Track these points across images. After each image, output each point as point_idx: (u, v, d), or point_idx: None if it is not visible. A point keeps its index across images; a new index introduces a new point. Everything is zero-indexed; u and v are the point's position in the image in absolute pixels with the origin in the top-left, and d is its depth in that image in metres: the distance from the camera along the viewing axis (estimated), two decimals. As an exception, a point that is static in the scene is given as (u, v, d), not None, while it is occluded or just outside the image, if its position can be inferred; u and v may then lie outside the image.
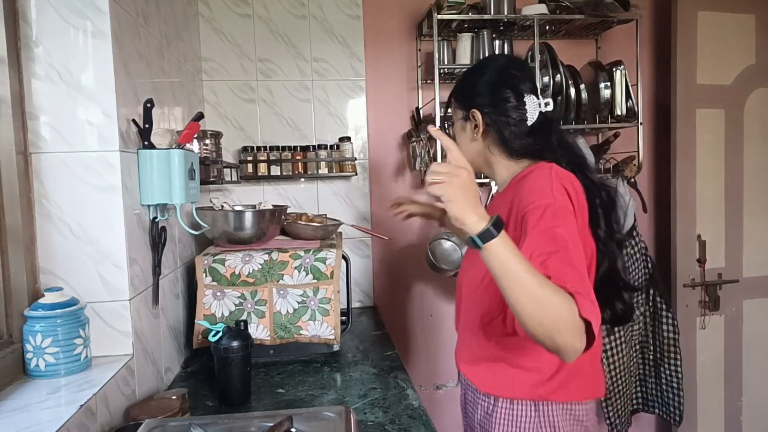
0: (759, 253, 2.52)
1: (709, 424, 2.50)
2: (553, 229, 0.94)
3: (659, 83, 2.53)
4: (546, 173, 1.06)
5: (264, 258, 1.68)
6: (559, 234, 0.93)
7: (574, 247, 0.93)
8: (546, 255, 0.91)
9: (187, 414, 1.17)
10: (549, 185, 1.02)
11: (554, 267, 0.89)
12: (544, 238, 0.93)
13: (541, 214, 0.97)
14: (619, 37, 2.39)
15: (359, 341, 1.87)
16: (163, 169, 1.32)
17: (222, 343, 1.36)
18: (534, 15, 2.11)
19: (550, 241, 0.93)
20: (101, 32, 1.16)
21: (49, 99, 1.14)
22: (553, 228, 0.94)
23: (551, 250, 0.91)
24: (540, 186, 1.03)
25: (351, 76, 2.31)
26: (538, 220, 0.96)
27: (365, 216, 2.35)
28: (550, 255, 0.90)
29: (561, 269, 0.89)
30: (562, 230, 0.94)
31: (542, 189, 1.02)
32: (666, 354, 2.29)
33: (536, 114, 1.15)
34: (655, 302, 2.31)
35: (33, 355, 1.08)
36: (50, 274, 1.16)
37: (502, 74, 1.18)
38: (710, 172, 2.43)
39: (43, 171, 1.14)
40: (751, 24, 2.43)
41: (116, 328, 1.21)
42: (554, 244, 0.92)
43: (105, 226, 1.18)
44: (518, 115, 1.14)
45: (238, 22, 2.23)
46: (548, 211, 0.97)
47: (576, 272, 0.89)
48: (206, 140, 1.87)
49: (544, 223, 0.95)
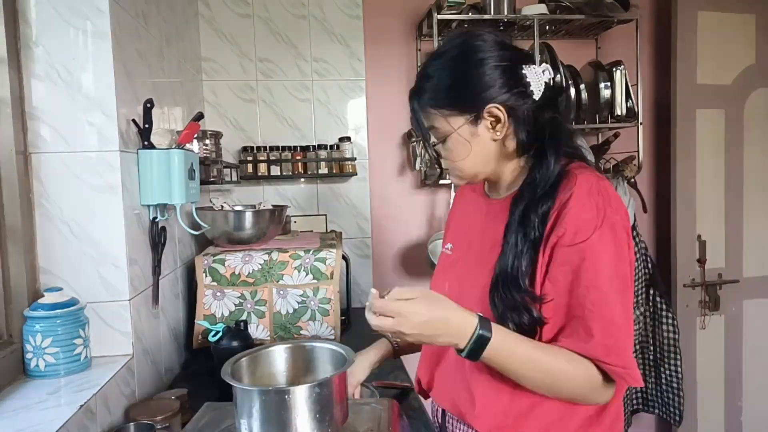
0: (759, 253, 2.52)
1: (709, 424, 2.50)
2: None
3: (659, 83, 2.53)
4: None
5: (264, 258, 1.68)
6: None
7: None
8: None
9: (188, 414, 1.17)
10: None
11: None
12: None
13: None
14: (619, 37, 2.39)
15: (359, 341, 1.87)
16: (163, 169, 1.32)
17: (222, 343, 1.36)
18: (534, 15, 2.11)
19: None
20: (101, 32, 1.16)
21: (49, 99, 1.14)
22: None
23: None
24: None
25: (351, 76, 2.30)
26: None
27: (365, 216, 2.35)
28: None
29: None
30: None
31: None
32: (666, 354, 2.29)
33: (542, 86, 0.94)
34: (655, 302, 2.31)
35: (33, 355, 1.08)
36: (50, 274, 1.16)
37: (503, 50, 0.95)
38: (710, 172, 2.43)
39: (43, 171, 1.14)
40: (751, 24, 2.43)
41: (116, 329, 1.21)
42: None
43: (105, 226, 1.18)
44: (529, 93, 0.94)
45: (238, 22, 2.23)
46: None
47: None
48: (206, 140, 1.87)
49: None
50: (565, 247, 0.87)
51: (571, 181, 0.90)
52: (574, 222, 0.87)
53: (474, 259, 1.03)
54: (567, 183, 0.90)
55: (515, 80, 0.93)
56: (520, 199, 0.94)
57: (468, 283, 1.00)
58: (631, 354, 0.87)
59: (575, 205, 0.87)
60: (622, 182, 2.28)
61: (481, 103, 0.93)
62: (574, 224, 0.87)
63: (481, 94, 0.93)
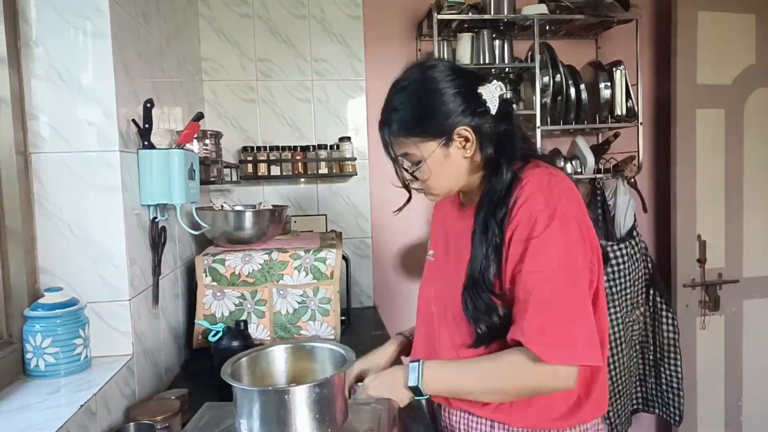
0: (759, 253, 2.52)
1: (709, 424, 2.50)
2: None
3: (659, 83, 2.53)
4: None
5: (264, 258, 1.68)
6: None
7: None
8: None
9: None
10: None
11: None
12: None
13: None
14: (619, 37, 2.39)
15: (359, 341, 1.87)
16: (163, 169, 1.32)
17: (222, 343, 1.35)
18: (534, 15, 2.11)
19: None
20: (101, 32, 1.16)
21: (49, 99, 1.14)
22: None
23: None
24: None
25: (351, 76, 2.30)
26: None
27: (365, 216, 2.35)
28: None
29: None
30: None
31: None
32: (666, 354, 2.29)
33: (497, 101, 1.02)
34: (655, 302, 2.31)
35: (33, 355, 1.08)
36: (50, 274, 1.16)
37: (459, 77, 1.03)
38: (710, 172, 2.43)
39: (43, 171, 1.14)
40: (751, 24, 2.43)
41: (116, 328, 1.21)
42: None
43: (105, 226, 1.18)
44: (487, 110, 1.02)
45: (238, 22, 2.23)
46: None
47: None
48: (206, 140, 1.87)
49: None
50: (517, 241, 0.94)
51: (522, 181, 0.98)
52: (523, 217, 0.94)
53: (453, 265, 1.10)
54: (518, 183, 0.98)
55: (475, 101, 1.01)
56: (480, 207, 1.01)
57: (450, 288, 1.06)
58: (574, 335, 0.90)
59: (524, 202, 0.95)
60: (622, 182, 2.28)
61: (450, 128, 1.01)
62: (523, 218, 0.94)
63: (448, 120, 1.01)
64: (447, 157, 1.02)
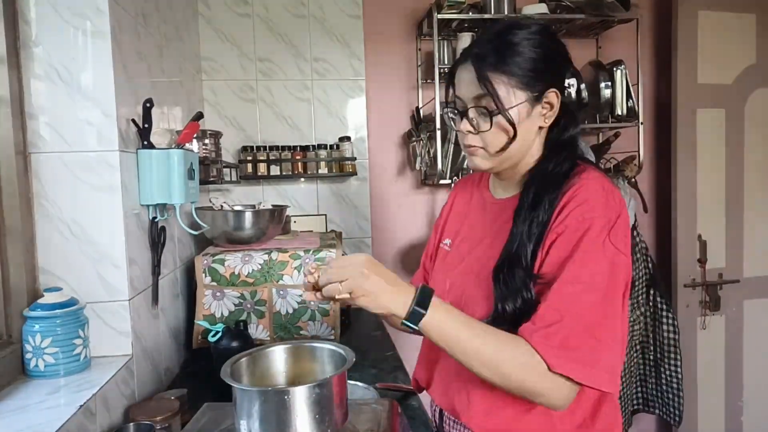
0: (759, 253, 2.52)
1: (709, 424, 2.50)
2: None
3: (660, 83, 2.53)
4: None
5: (263, 258, 1.67)
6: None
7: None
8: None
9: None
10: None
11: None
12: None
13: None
14: (619, 36, 2.39)
15: (359, 341, 1.87)
16: (163, 169, 1.31)
17: (222, 343, 1.35)
18: (534, 15, 2.11)
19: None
20: (101, 32, 1.15)
21: (49, 99, 1.14)
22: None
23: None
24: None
25: (351, 76, 2.30)
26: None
27: (365, 216, 2.35)
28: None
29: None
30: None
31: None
32: (666, 354, 2.29)
33: (574, 92, 1.03)
34: (655, 302, 2.31)
35: (32, 355, 1.08)
36: (50, 274, 1.16)
37: (561, 47, 0.98)
38: (711, 171, 2.43)
39: (42, 171, 1.14)
40: (752, 24, 2.43)
41: (116, 329, 1.20)
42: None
43: (104, 226, 1.18)
44: (574, 92, 1.01)
45: (238, 22, 2.23)
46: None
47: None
48: (206, 140, 1.87)
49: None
50: (564, 241, 0.89)
51: (582, 177, 0.93)
52: (577, 217, 0.89)
53: (476, 256, 1.03)
54: (578, 178, 0.93)
55: (568, 76, 0.96)
56: (531, 183, 0.96)
57: (471, 279, 1.01)
58: (598, 357, 0.84)
59: (581, 202, 0.89)
60: (623, 182, 2.28)
61: (548, 86, 0.95)
62: (576, 220, 0.89)
63: (554, 76, 0.96)
64: (528, 117, 0.95)
